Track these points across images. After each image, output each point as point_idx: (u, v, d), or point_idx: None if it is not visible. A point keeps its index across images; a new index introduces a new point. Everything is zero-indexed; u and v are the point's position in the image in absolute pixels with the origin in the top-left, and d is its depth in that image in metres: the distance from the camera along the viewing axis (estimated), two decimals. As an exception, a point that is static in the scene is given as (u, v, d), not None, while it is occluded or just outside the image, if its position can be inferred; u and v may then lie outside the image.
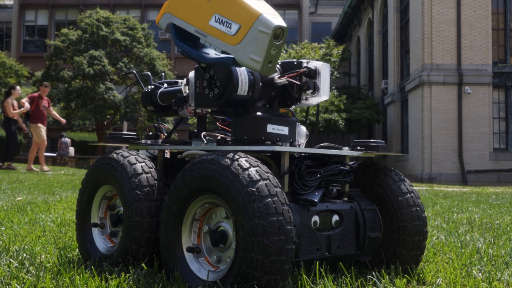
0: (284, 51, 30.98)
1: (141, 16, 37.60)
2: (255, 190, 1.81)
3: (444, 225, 4.40)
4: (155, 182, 2.25)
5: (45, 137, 13.62)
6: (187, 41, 2.16)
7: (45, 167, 14.21)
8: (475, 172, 19.90)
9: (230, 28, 1.96)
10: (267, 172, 1.90)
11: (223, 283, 1.87)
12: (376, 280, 2.12)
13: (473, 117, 20.09)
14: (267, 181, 1.86)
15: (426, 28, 20.26)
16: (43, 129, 13.50)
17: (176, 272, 2.03)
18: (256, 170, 1.88)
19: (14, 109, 13.36)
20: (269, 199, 1.81)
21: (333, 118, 24.67)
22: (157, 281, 2.05)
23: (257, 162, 1.93)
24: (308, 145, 2.55)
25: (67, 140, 23.51)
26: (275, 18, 1.92)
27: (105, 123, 28.41)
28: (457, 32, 20.20)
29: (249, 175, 1.85)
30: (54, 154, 23.71)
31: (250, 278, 1.79)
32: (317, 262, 2.09)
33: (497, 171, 19.97)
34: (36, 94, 13.65)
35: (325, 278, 2.03)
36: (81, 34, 27.32)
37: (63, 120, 14.25)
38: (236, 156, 1.92)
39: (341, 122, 24.75)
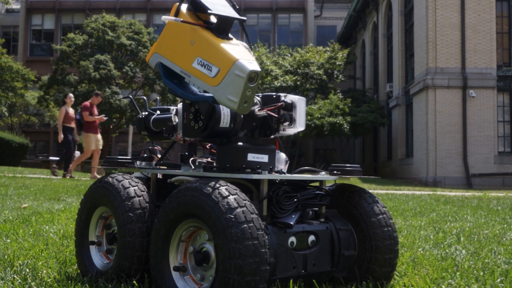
0: (290, 55, 31.09)
1: (146, 20, 37.81)
2: (232, 216, 1.99)
3: (431, 236, 4.50)
4: (147, 204, 2.44)
5: (93, 147, 13.38)
6: (173, 79, 2.35)
7: (96, 174, 14.06)
8: (479, 176, 19.92)
9: (211, 70, 2.16)
10: (245, 200, 2.07)
11: None
12: None
13: (478, 120, 20.11)
14: (244, 208, 2.03)
15: (430, 31, 20.31)
16: (93, 138, 13.33)
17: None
18: (235, 198, 2.05)
19: (69, 116, 13.27)
20: (245, 225, 1.99)
21: (337, 121, 24.72)
22: None
23: (236, 190, 2.10)
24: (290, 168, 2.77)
25: (73, 144, 23.59)
26: (250, 63, 2.10)
27: (111, 126, 28.58)
28: (461, 36, 20.24)
29: (227, 202, 2.02)
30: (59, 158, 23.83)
31: None
32: (291, 280, 2.26)
33: (502, 174, 19.98)
34: (88, 103, 13.40)
35: None
36: (87, 38, 27.51)
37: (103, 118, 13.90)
38: (217, 185, 2.09)
39: (346, 126, 24.79)
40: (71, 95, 13.66)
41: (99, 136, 13.55)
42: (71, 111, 13.56)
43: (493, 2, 20.43)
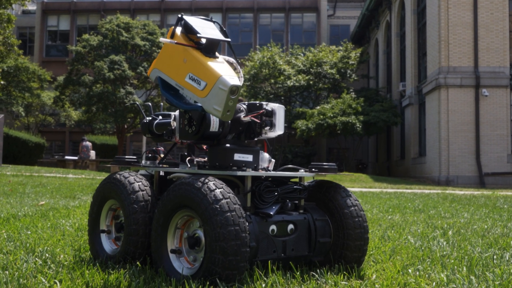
0: (302, 54, 31.15)
1: (160, 20, 38.09)
2: (218, 207, 2.38)
3: (419, 231, 4.72)
4: (149, 197, 2.85)
5: None
6: (170, 91, 2.74)
7: None
8: (493, 175, 19.88)
9: (200, 84, 2.57)
10: (229, 193, 2.45)
11: (195, 277, 2.44)
12: (318, 276, 2.65)
13: (491, 119, 20.07)
14: (228, 200, 2.41)
15: (442, 30, 20.31)
16: None
17: (161, 268, 2.59)
18: (220, 191, 2.43)
19: None
20: (229, 214, 2.37)
21: (350, 120, 24.75)
22: (148, 275, 2.61)
23: (222, 184, 2.48)
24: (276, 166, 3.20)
25: (88, 143, 23.88)
26: (232, 78, 2.50)
27: (126, 126, 28.87)
28: (474, 35, 20.21)
29: (214, 195, 2.41)
30: (76, 158, 24.14)
31: (214, 272, 2.35)
32: (270, 261, 2.65)
33: (515, 173, 19.93)
34: None
35: (276, 273, 2.58)
36: (101, 39, 27.81)
37: None
38: (206, 180, 2.48)
39: (358, 125, 24.80)
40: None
41: None
42: None
43: (506, 0, 20.37)
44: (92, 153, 23.97)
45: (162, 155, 3.30)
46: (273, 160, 3.13)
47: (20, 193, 8.34)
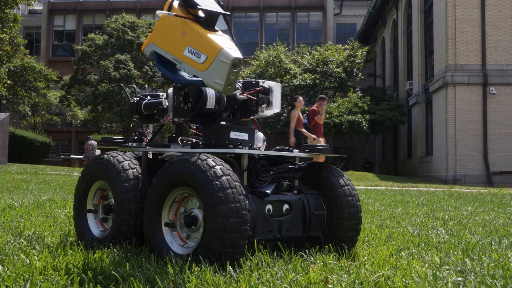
0: (308, 53, 31.05)
1: (167, 20, 38.04)
2: (218, 183, 2.30)
3: (418, 221, 4.67)
4: (139, 175, 2.76)
5: None
6: (166, 66, 2.68)
7: None
8: (500, 174, 19.70)
9: (200, 58, 2.49)
10: (229, 170, 2.38)
11: (193, 255, 2.35)
12: (306, 257, 2.60)
13: (499, 117, 19.90)
14: (228, 177, 2.34)
15: (450, 28, 20.16)
16: (317, 142, 13.11)
17: (152, 242, 2.52)
18: (220, 168, 2.36)
19: (300, 120, 12.89)
20: (229, 191, 2.30)
21: (356, 119, 24.63)
22: (133, 252, 2.54)
23: (221, 161, 2.40)
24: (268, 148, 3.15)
25: (94, 142, 23.92)
26: (234, 51, 2.44)
27: (131, 125, 28.88)
28: (481, 32, 20.05)
29: (214, 172, 2.33)
30: (81, 157, 24.19)
31: (213, 250, 2.28)
32: (255, 240, 2.57)
33: (523, 172, 19.74)
34: (316, 108, 13.31)
35: (262, 252, 2.52)
36: (107, 38, 27.86)
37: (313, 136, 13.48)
38: (205, 157, 2.40)
39: (364, 124, 24.68)
40: (301, 98, 13.27)
41: (323, 139, 13.41)
42: (300, 115, 13.15)
43: (514, -3, 20.22)
44: (98, 152, 23.97)
45: (149, 138, 3.21)
46: (266, 142, 3.09)
47: (23, 190, 8.31)
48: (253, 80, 2.91)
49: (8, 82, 25.77)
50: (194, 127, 3.08)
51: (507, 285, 1.90)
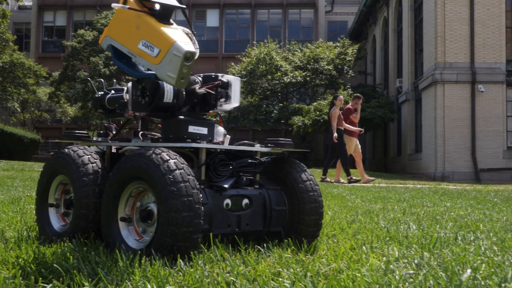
0: (300, 50, 31.04)
1: (158, 16, 37.93)
2: (171, 177, 2.30)
3: (392, 215, 4.68)
4: (99, 170, 2.75)
5: (352, 151, 13.14)
6: (122, 60, 2.67)
7: (357, 178, 13.36)
8: (488, 171, 19.79)
9: (153, 51, 2.48)
10: (183, 164, 2.37)
11: (147, 250, 2.35)
12: (264, 251, 2.60)
13: (487, 115, 19.98)
14: (182, 171, 2.33)
15: (439, 26, 20.20)
16: (355, 142, 13.13)
17: (108, 237, 2.51)
18: (174, 162, 2.35)
19: (340, 119, 12.76)
20: (182, 184, 2.29)
21: (346, 116, 24.66)
22: (90, 246, 2.52)
23: (176, 155, 2.40)
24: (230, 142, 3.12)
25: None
26: (186, 45, 2.43)
27: (121, 122, 28.76)
28: (470, 31, 20.10)
29: (168, 165, 2.33)
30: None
31: (165, 245, 2.27)
32: (211, 234, 2.55)
33: (510, 169, 19.82)
34: (351, 107, 13.17)
35: (218, 246, 2.50)
36: (97, 34, 27.74)
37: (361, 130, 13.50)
38: (159, 151, 2.40)
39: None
40: (341, 97, 13.16)
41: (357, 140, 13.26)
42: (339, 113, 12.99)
43: (502, -4, 20.28)
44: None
45: (114, 132, 3.19)
46: (229, 136, 3.05)
47: (8, 186, 8.26)
48: (213, 74, 2.91)
49: (-3, 78, 25.66)
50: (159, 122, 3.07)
51: (453, 276, 1.90)
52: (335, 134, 12.60)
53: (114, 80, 4.22)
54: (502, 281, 1.96)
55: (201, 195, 2.36)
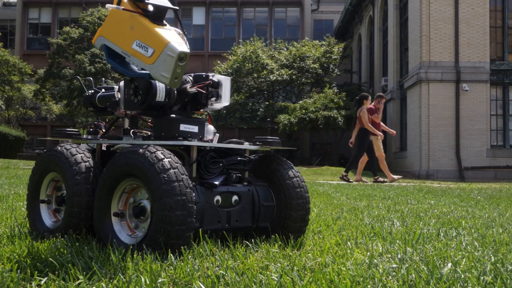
0: (286, 48, 31.13)
1: (144, 14, 37.79)
2: (166, 176, 2.34)
3: (376, 212, 4.78)
4: (92, 168, 2.79)
5: (382, 150, 13.26)
6: (116, 59, 2.72)
7: (381, 179, 13.56)
8: (472, 169, 20.01)
9: (147, 51, 2.54)
10: (177, 163, 2.42)
11: (139, 245, 2.40)
12: (252, 246, 2.66)
13: (471, 114, 20.19)
14: (176, 170, 2.39)
15: (424, 25, 20.38)
16: (380, 141, 13.16)
17: (100, 231, 2.56)
18: (169, 161, 2.40)
19: (370, 119, 12.77)
20: (176, 184, 2.34)
21: (332, 115, 24.82)
22: (82, 242, 2.56)
23: (170, 154, 2.45)
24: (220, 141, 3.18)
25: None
26: (180, 45, 2.50)
27: (107, 119, 28.67)
28: (455, 30, 20.29)
29: (162, 164, 2.37)
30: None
31: (159, 242, 2.33)
32: (200, 230, 2.60)
33: (494, 167, 20.07)
34: (373, 107, 13.07)
35: (207, 241, 2.56)
36: (82, 32, 27.59)
37: (393, 132, 13.61)
38: (154, 149, 2.44)
39: (340, 119, 24.89)
40: (369, 97, 13.13)
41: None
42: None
43: (487, -4, 20.50)
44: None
45: (104, 130, 3.23)
46: (217, 135, 3.12)
47: (-8, 184, 8.21)
48: (203, 73, 2.96)
49: (-19, 75, 25.45)
50: (149, 120, 3.12)
51: (434, 269, 1.98)
52: (378, 132, 12.77)
53: (103, 79, 4.26)
54: (481, 274, 2.04)
55: (193, 194, 2.42)
